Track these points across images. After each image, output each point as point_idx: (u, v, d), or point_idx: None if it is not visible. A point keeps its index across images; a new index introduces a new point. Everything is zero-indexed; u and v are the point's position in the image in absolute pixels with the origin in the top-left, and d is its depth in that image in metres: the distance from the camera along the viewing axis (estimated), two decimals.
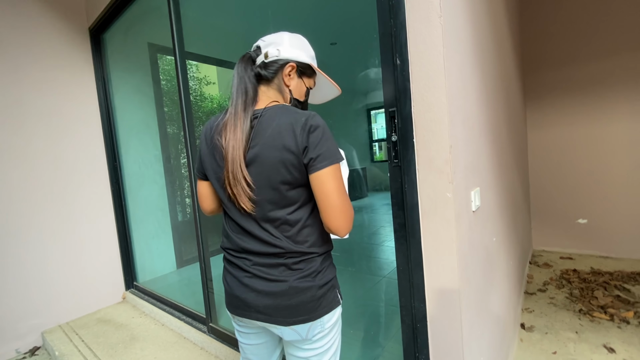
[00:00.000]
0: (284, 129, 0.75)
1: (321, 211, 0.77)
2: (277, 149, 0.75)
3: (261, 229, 0.81)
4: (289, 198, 0.78)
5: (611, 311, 2.04)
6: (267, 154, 0.75)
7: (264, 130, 0.77)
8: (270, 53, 0.85)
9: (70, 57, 2.57)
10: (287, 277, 0.79)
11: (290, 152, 0.74)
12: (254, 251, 0.82)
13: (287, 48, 0.85)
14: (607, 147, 2.85)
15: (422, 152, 0.95)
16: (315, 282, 0.80)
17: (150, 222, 2.95)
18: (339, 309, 0.86)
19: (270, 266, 0.81)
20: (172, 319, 2.23)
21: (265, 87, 0.87)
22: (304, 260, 0.80)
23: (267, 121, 0.77)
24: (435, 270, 0.98)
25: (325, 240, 0.86)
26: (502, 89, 1.87)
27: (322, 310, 0.81)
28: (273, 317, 0.81)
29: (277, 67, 0.85)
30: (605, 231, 2.91)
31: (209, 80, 4.27)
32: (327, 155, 0.74)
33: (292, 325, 0.81)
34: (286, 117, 0.77)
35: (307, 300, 0.79)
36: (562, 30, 2.94)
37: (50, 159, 2.42)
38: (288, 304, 0.79)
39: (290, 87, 0.87)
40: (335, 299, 0.85)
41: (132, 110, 2.85)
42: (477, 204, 1.13)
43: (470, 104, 1.13)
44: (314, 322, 0.81)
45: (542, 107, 3.12)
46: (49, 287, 2.39)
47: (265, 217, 0.80)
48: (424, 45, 0.91)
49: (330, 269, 0.86)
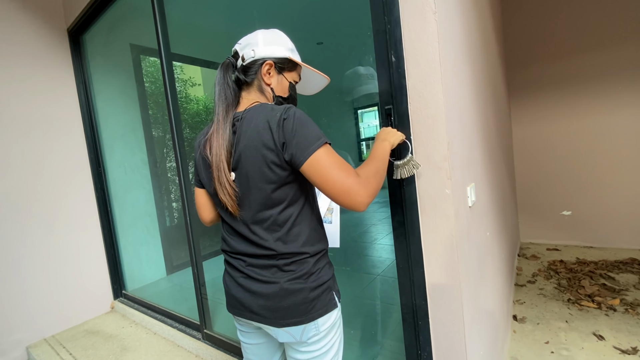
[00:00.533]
0: (261, 127, 0.74)
1: (328, 196, 0.74)
2: (257, 148, 0.74)
3: (250, 231, 0.81)
4: (275, 198, 0.77)
5: (598, 299, 2.10)
6: (248, 155, 0.76)
7: (244, 132, 0.77)
8: (247, 55, 0.85)
9: (49, 59, 2.47)
10: (279, 279, 0.79)
11: (269, 150, 0.73)
12: (247, 253, 0.83)
13: (261, 47, 0.84)
14: (588, 141, 2.94)
15: (420, 149, 0.95)
16: (307, 284, 0.79)
17: (138, 228, 2.87)
18: (335, 312, 0.84)
19: (262, 267, 0.81)
20: (165, 327, 2.17)
21: (247, 91, 0.87)
22: (295, 262, 0.79)
23: (247, 123, 0.77)
24: (435, 267, 0.98)
25: (318, 239, 0.84)
26: (490, 85, 1.90)
27: (316, 313, 0.80)
28: (267, 318, 0.81)
29: (255, 68, 0.85)
30: (589, 222, 3.01)
31: (194, 82, 4.19)
32: (306, 144, 0.71)
33: (285, 327, 0.80)
34: (263, 115, 0.76)
35: (298, 302, 0.78)
36: (544, 26, 3.02)
37: (30, 166, 2.32)
38: (280, 306, 0.79)
39: (271, 85, 0.86)
40: (332, 301, 0.82)
41: (115, 114, 2.76)
42: (473, 199, 1.14)
43: (464, 100, 1.13)
44: (308, 324, 0.80)
45: (525, 102, 3.20)
46: (32, 299, 2.29)
47: (254, 218, 0.80)
48: (419, 41, 0.91)
49: (325, 270, 0.83)
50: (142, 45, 2.85)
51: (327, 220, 1.03)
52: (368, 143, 8.33)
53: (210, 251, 3.10)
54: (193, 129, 3.87)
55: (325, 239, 0.87)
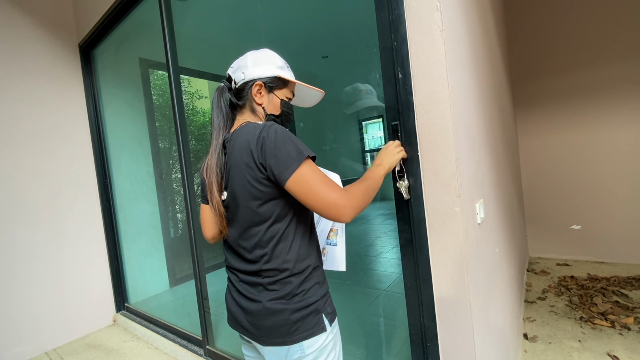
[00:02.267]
0: (243, 147, 0.77)
1: (313, 211, 0.76)
2: (240, 167, 0.77)
3: (240, 247, 0.83)
4: (262, 214, 0.78)
5: (611, 317, 2.04)
6: (233, 175, 0.79)
7: (231, 153, 0.80)
8: (237, 78, 0.88)
9: (60, 73, 2.53)
10: (262, 298, 0.79)
11: (250, 168, 0.76)
12: (239, 269, 0.85)
13: (250, 69, 0.87)
14: (597, 153, 2.91)
15: (428, 166, 0.94)
16: (290, 306, 0.78)
17: (142, 240, 2.86)
18: (323, 336, 0.80)
19: (250, 284, 0.83)
20: (167, 342, 2.14)
21: (240, 113, 0.90)
22: (279, 281, 0.79)
23: (233, 143, 0.80)
24: (444, 286, 0.95)
25: (305, 256, 0.82)
26: (496, 99, 1.89)
27: (300, 336, 0.78)
28: (254, 335, 0.82)
29: (246, 89, 0.87)
30: (600, 236, 2.95)
31: (200, 95, 4.25)
32: (287, 163, 0.73)
33: (270, 346, 0.80)
34: (244, 135, 0.78)
35: (280, 323, 0.78)
36: (548, 41, 3.03)
37: (38, 177, 2.35)
38: (263, 325, 0.79)
39: (262, 104, 0.88)
40: (319, 325, 0.79)
41: (123, 127, 2.80)
42: (482, 216, 1.12)
43: (471, 116, 1.13)
44: (292, 346, 0.78)
45: (532, 115, 3.19)
46: (34, 312, 2.27)
47: (243, 235, 0.82)
48: (426, 58, 0.91)
49: (313, 291, 0.81)
50: (150, 60, 2.91)
51: (331, 242, 1.00)
52: (372, 154, 8.37)
53: (214, 263, 3.08)
54: (199, 141, 3.91)
55: (315, 257, 0.85)
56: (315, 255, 0.85)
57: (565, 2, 2.90)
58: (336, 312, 0.86)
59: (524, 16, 3.12)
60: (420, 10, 0.90)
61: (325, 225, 1.02)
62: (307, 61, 4.08)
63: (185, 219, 2.62)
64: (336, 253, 0.99)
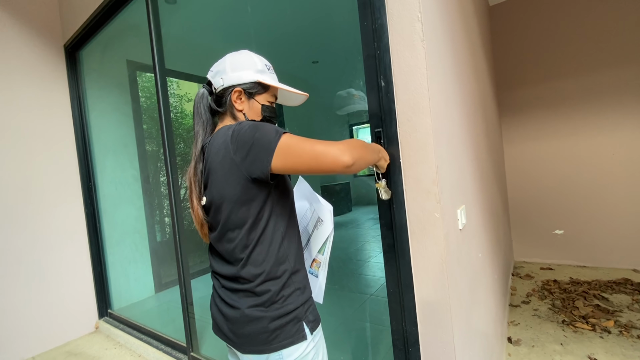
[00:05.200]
0: (219, 148, 0.77)
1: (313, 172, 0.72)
2: (218, 170, 0.77)
3: (221, 251, 0.83)
4: (240, 216, 0.78)
5: (592, 321, 2.08)
6: (213, 178, 0.78)
7: (208, 157, 0.80)
8: (217, 84, 0.86)
9: (45, 74, 2.48)
10: (242, 305, 0.79)
11: (228, 168, 0.75)
12: (220, 273, 0.84)
13: (229, 74, 0.85)
14: (580, 160, 2.99)
15: (409, 173, 0.96)
16: (268, 313, 0.76)
17: (127, 244, 2.81)
18: (303, 344, 0.78)
19: (231, 290, 0.82)
20: (150, 349, 2.10)
21: (221, 119, 0.89)
22: (257, 286, 0.77)
23: (210, 147, 0.80)
24: (425, 291, 0.97)
25: (281, 260, 0.80)
26: (480, 107, 1.93)
27: (279, 344, 0.76)
28: (234, 343, 0.81)
29: (226, 96, 0.86)
30: (581, 241, 3.02)
31: (190, 97, 4.23)
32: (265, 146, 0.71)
33: (249, 354, 0.79)
34: (221, 136, 0.78)
35: (258, 331, 0.77)
36: (533, 49, 3.11)
37: (19, 178, 2.29)
38: (242, 332, 0.79)
39: (243, 110, 0.86)
40: (299, 333, 0.78)
41: (109, 129, 2.76)
42: (464, 222, 1.14)
43: (453, 123, 1.15)
44: (270, 354, 0.77)
45: (517, 122, 3.26)
46: (13, 318, 2.20)
47: (223, 239, 0.81)
48: (407, 67, 0.92)
49: (293, 298, 0.79)
50: (138, 62, 2.88)
51: (312, 272, 0.98)
52: None
53: (200, 269, 3.04)
54: (188, 144, 3.87)
55: (294, 261, 0.82)
56: (293, 259, 0.83)
57: (551, 11, 2.99)
58: (320, 319, 0.85)
59: (509, 24, 3.20)
60: (402, 20, 0.92)
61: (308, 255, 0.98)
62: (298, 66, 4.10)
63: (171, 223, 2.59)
64: (315, 284, 0.96)
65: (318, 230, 0.96)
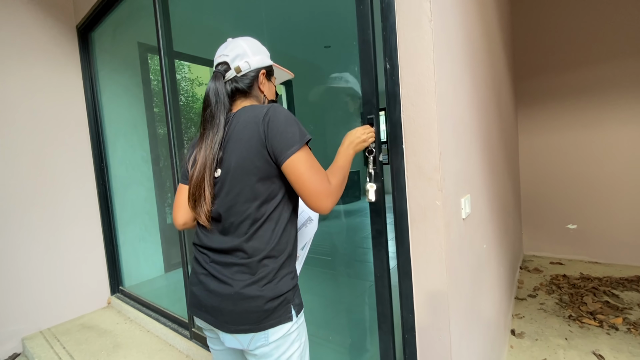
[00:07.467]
0: (248, 122, 0.79)
1: (300, 196, 0.79)
2: (243, 141, 0.78)
3: (222, 225, 0.82)
4: (255, 191, 0.78)
5: (600, 317, 2.04)
6: (234, 148, 0.79)
7: (233, 129, 0.81)
8: (243, 67, 0.88)
9: (58, 55, 2.51)
10: (236, 281, 0.78)
11: (254, 143, 0.77)
12: (212, 247, 0.83)
13: (252, 58, 0.89)
14: (596, 153, 2.87)
15: (412, 159, 0.93)
16: (264, 293, 0.77)
17: (138, 224, 2.88)
18: (288, 325, 0.80)
19: (223, 265, 0.81)
20: (158, 325, 2.17)
21: (241, 99, 0.90)
22: (256, 262, 0.78)
23: (236, 121, 0.82)
24: (424, 279, 0.96)
25: (284, 241, 0.82)
26: (494, 95, 1.86)
27: (267, 323, 0.78)
28: (217, 321, 0.80)
29: (249, 78, 0.89)
30: (595, 237, 2.94)
31: (201, 82, 4.22)
32: (289, 144, 0.75)
33: (234, 334, 0.79)
34: (251, 111, 0.81)
35: (251, 309, 0.77)
36: (554, 37, 2.97)
37: (34, 159, 2.35)
38: (232, 310, 0.78)
39: (264, 92, 0.93)
40: (286, 314, 0.80)
41: (120, 111, 2.79)
42: (468, 212, 1.11)
43: (461, 109, 1.11)
44: (257, 333, 0.78)
45: (533, 113, 3.14)
46: (30, 292, 2.31)
47: (230, 211, 0.80)
48: (414, 49, 0.89)
49: (285, 281, 0.81)
50: (149, 44, 2.87)
51: None
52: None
53: None
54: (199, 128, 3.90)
55: (292, 245, 0.85)
56: (292, 243, 0.85)
57: None
58: (303, 304, 0.87)
59: (529, 11, 3.05)
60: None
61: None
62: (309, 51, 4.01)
63: None
64: None
65: (307, 228, 1.02)
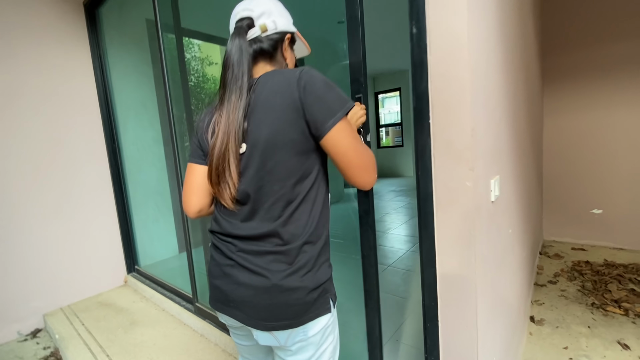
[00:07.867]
0: (279, 87, 0.67)
1: (341, 171, 0.70)
2: (274, 110, 0.66)
3: (250, 208, 0.71)
4: (290, 167, 0.68)
5: (626, 305, 1.96)
6: (263, 118, 0.67)
7: (258, 97, 0.69)
8: (269, 27, 0.75)
9: (66, 33, 2.45)
10: (272, 270, 0.68)
11: (289, 113, 0.66)
12: (239, 235, 0.72)
13: (279, 19, 0.77)
14: (627, 135, 2.69)
15: (440, 136, 0.85)
16: (305, 283, 0.68)
17: (151, 205, 2.89)
18: (326, 317, 0.72)
19: (255, 254, 0.70)
20: (173, 305, 2.20)
21: (263, 63, 0.78)
22: (293, 249, 0.68)
23: (264, 84, 0.70)
24: (449, 266, 0.89)
25: (323, 223, 0.73)
26: (523, 69, 1.72)
27: (307, 317, 0.69)
28: (250, 317, 0.71)
29: (275, 40, 0.77)
30: (621, 222, 2.80)
31: (211, 61, 4.12)
32: (331, 112, 0.65)
33: (270, 331, 0.70)
34: (279, 76, 0.69)
35: (291, 302, 0.68)
36: (585, 9, 2.74)
37: (47, 140, 2.35)
38: (269, 304, 0.68)
39: (287, 60, 0.82)
40: (325, 305, 0.71)
41: (130, 90, 2.74)
42: (497, 194, 1.03)
43: (492, 82, 1.01)
44: (296, 329, 0.70)
45: (560, 90, 2.95)
46: (50, 270, 2.36)
47: (261, 191, 0.69)
48: (444, 9, 0.79)
49: (324, 268, 0.73)
50: None
51: None
52: (387, 130, 8.12)
53: None
54: None
55: (328, 229, 0.76)
56: (328, 226, 0.76)
57: None
58: None
59: None
60: None
61: None
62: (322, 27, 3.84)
63: None
64: None
65: None
